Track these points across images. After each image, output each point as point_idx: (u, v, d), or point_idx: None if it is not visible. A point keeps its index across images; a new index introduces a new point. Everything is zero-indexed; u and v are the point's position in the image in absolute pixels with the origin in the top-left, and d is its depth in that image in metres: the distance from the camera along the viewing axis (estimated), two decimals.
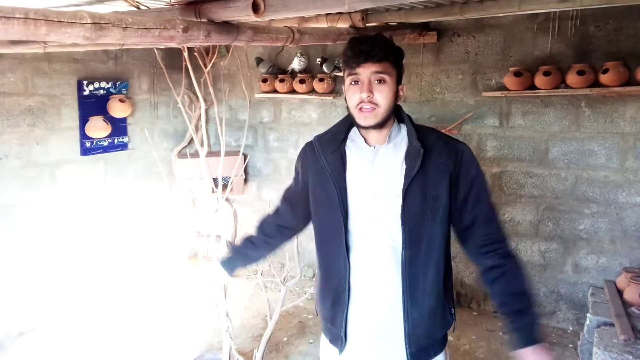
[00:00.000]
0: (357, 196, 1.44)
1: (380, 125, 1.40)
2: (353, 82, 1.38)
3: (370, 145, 1.45)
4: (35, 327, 3.42)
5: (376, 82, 1.36)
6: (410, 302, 1.41)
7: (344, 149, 1.48)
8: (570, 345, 3.18)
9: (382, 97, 1.36)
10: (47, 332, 3.39)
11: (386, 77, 1.36)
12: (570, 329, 3.38)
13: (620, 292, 2.99)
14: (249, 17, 1.57)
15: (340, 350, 1.51)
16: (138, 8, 2.05)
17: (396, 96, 1.41)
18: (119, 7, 2.27)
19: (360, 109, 1.37)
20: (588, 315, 2.89)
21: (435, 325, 1.46)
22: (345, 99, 1.44)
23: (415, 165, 1.37)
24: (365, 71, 1.35)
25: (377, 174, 1.43)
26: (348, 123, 1.50)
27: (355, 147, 1.48)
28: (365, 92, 1.35)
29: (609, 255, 3.26)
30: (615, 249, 3.23)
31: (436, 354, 1.48)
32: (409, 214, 1.38)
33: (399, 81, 1.41)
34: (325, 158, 1.48)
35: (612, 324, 2.70)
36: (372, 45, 1.34)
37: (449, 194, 1.39)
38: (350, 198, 1.45)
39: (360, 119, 1.39)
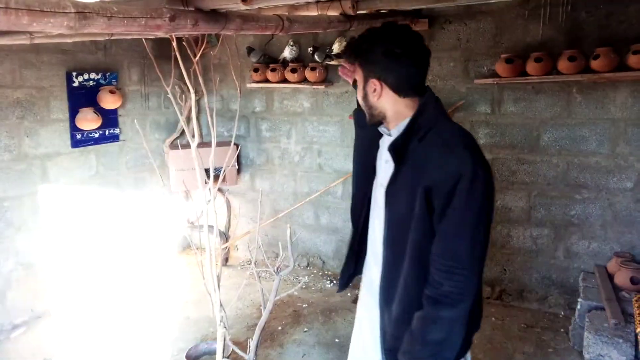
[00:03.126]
0: (376, 182, 1.50)
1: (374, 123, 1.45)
2: None
3: (389, 135, 1.44)
4: (30, 320, 3.42)
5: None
6: (384, 303, 1.41)
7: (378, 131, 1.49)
8: (562, 330, 3.21)
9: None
10: (41, 325, 3.39)
11: (357, 78, 1.43)
12: (562, 313, 3.42)
13: (611, 277, 3.02)
14: (238, 5, 1.55)
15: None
16: None
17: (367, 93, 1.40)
18: None
19: None
20: (579, 299, 2.92)
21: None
22: None
23: (393, 169, 1.35)
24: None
25: (385, 165, 1.43)
26: None
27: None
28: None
29: (600, 241, 3.28)
30: (606, 234, 3.26)
31: None
32: (391, 214, 1.36)
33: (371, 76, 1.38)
34: (359, 129, 1.59)
35: (603, 308, 2.73)
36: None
37: (428, 207, 1.27)
38: (375, 182, 1.51)
39: None
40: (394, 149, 1.31)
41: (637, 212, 3.15)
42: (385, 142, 1.45)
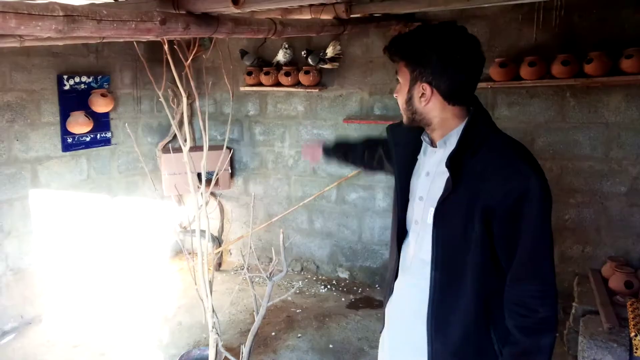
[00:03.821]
0: (411, 196, 1.39)
1: (415, 126, 1.34)
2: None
3: (431, 145, 1.34)
4: (19, 326, 3.37)
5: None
6: (436, 328, 1.29)
7: (419, 143, 1.40)
8: (556, 334, 3.20)
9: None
10: (31, 331, 3.34)
11: (400, 78, 1.31)
12: None
13: (605, 281, 3.01)
14: (229, 9, 1.54)
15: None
16: (115, 0, 2.00)
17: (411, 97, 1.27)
18: None
19: None
20: (574, 304, 2.91)
21: None
22: None
23: (447, 185, 1.22)
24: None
25: (425, 178, 1.34)
26: None
27: (423, 144, 1.39)
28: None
29: (594, 245, 3.28)
30: (601, 238, 3.26)
31: None
32: (442, 235, 1.25)
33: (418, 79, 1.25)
34: (395, 147, 1.47)
35: (597, 313, 2.72)
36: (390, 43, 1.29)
37: (487, 227, 1.18)
38: (410, 196, 1.40)
39: None
40: (451, 163, 1.19)
41: (631, 216, 3.15)
42: (423, 154, 1.39)
